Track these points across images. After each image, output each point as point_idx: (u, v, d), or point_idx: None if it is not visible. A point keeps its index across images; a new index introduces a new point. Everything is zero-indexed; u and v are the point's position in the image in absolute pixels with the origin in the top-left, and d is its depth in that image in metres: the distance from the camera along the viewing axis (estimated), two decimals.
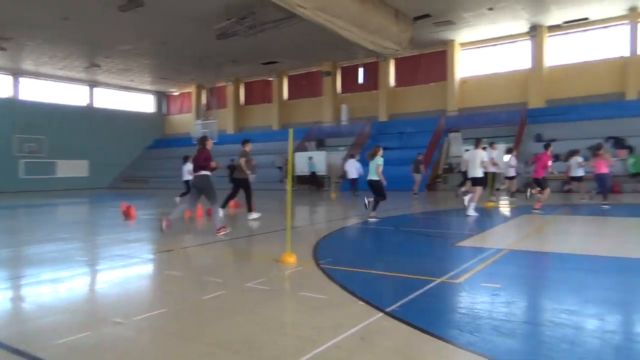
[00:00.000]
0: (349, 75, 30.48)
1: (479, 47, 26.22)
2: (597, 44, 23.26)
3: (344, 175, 18.82)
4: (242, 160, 10.15)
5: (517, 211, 11.82)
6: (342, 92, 30.76)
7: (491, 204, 12.85)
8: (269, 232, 8.71)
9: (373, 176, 10.29)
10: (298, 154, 25.81)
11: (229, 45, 23.74)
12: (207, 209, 11.27)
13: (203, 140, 8.31)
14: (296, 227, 9.13)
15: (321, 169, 24.95)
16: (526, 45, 24.39)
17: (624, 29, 22.30)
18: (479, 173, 10.80)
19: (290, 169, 6.16)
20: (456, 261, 5.83)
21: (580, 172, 14.73)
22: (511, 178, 14.96)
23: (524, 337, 3.25)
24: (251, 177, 10.65)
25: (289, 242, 5.87)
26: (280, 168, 26.74)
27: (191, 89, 37.25)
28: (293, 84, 33.01)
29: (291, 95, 33.18)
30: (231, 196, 10.96)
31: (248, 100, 35.10)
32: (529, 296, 4.43)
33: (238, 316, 3.78)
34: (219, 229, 8.00)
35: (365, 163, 11.60)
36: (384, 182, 10.20)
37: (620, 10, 21.43)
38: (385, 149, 24.75)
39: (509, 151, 16.00)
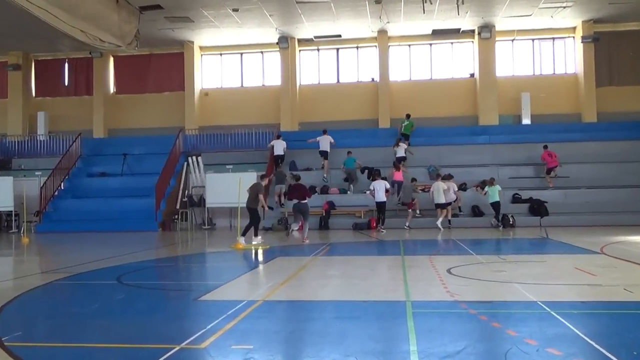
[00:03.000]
0: (50, 72, 28.44)
1: (224, 54, 27.61)
2: (351, 65, 27.04)
3: None
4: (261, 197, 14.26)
5: (271, 253, 12.62)
6: (39, 95, 28.52)
7: (241, 245, 13.42)
8: None
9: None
10: None
11: None
12: None
13: (298, 177, 16.04)
14: None
15: (5, 203, 22.25)
16: (277, 57, 26.75)
17: (375, 52, 26.55)
18: (442, 199, 18.42)
19: None
20: (199, 320, 5.85)
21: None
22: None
23: None
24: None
25: None
26: None
27: None
28: None
29: None
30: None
31: None
32: (286, 356, 4.72)
33: None
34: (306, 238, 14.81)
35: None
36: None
37: (370, 31, 25.41)
38: (102, 174, 24.09)
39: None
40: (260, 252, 12.65)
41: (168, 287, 8.72)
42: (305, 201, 15.09)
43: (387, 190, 18.28)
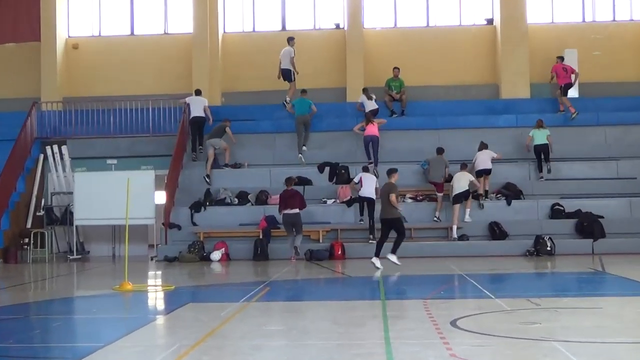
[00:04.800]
0: None
1: None
2: (304, 3, 27.33)
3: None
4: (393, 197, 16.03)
5: (177, 298, 12.58)
6: None
7: (130, 286, 13.33)
8: None
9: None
10: None
11: None
12: None
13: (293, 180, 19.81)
14: None
15: None
16: None
17: None
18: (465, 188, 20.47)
19: None
20: None
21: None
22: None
23: None
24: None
25: None
26: None
27: None
28: None
29: None
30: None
31: None
32: None
33: None
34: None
35: None
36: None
37: None
38: None
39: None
40: (160, 296, 12.53)
41: (12, 352, 8.57)
42: (299, 212, 18.88)
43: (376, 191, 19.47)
